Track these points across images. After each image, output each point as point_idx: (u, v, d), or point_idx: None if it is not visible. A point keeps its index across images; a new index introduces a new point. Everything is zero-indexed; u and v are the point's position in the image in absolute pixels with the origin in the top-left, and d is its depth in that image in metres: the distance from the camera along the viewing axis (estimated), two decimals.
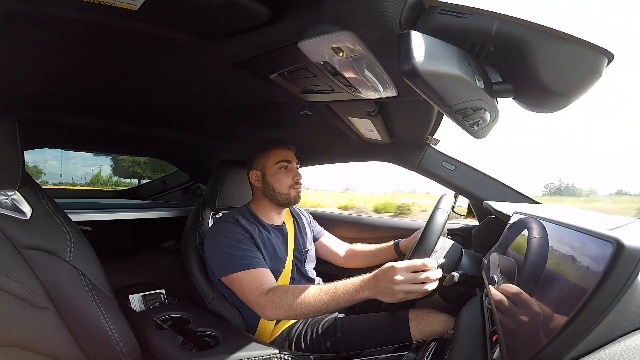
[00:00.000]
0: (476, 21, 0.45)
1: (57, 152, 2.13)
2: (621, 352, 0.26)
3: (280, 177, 1.06)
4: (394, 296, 0.68)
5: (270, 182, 1.05)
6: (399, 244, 1.13)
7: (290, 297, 0.79)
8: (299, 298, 0.78)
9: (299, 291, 0.79)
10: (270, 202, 1.07)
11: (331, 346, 0.90)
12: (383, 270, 0.71)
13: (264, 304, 0.83)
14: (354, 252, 1.23)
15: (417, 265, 0.68)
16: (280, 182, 1.05)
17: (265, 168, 1.07)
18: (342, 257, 1.23)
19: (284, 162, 1.06)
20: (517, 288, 0.43)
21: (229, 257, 0.91)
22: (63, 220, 0.80)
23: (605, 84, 71.16)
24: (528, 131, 23.96)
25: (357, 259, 1.21)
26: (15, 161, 0.74)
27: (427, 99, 0.46)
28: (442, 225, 0.76)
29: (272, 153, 1.07)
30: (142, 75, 0.77)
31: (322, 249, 1.24)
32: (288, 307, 0.79)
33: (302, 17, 0.52)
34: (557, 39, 0.44)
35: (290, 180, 1.06)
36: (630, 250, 0.26)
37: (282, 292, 0.82)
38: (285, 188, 1.05)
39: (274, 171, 1.06)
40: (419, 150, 1.17)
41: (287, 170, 1.07)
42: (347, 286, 0.75)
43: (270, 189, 1.06)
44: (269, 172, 1.06)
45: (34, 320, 0.69)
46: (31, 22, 0.52)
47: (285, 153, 1.08)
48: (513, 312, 0.41)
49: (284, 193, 1.05)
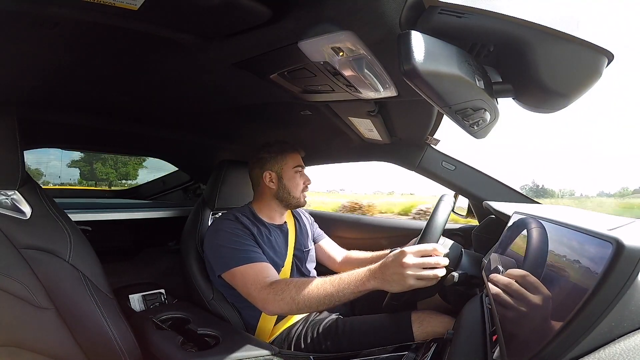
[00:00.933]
0: (476, 21, 0.45)
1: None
2: (621, 352, 0.26)
3: (297, 181, 1.07)
4: (403, 283, 0.67)
5: (287, 186, 1.06)
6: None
7: (293, 289, 0.78)
8: (302, 290, 0.76)
9: (302, 283, 0.78)
10: (279, 203, 1.08)
11: (331, 346, 0.90)
12: (392, 255, 0.70)
13: (266, 297, 0.81)
14: (350, 258, 1.22)
15: (427, 250, 0.68)
16: (297, 186, 1.07)
17: (282, 171, 1.07)
18: (337, 263, 1.23)
19: (300, 167, 1.08)
20: (517, 288, 0.43)
21: (230, 252, 0.91)
22: (63, 220, 0.80)
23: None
24: (507, 130, 23.11)
25: (352, 266, 1.19)
26: (15, 161, 0.74)
27: (427, 99, 0.46)
28: (447, 215, 0.77)
29: (290, 157, 1.08)
30: (142, 75, 0.77)
31: (319, 253, 1.24)
32: (291, 300, 0.77)
33: (302, 17, 0.52)
34: (557, 39, 0.44)
35: (303, 185, 1.08)
36: (630, 250, 0.26)
37: (284, 284, 0.80)
38: (299, 192, 1.07)
39: (291, 175, 1.07)
40: (419, 150, 1.17)
41: (301, 174, 1.09)
42: (353, 276, 0.74)
43: (285, 192, 1.06)
44: (286, 175, 1.07)
45: (34, 320, 0.69)
46: (31, 22, 0.52)
47: (299, 158, 1.11)
48: (513, 312, 0.41)
49: (297, 196, 1.07)
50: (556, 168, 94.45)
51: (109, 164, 4.25)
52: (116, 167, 4.32)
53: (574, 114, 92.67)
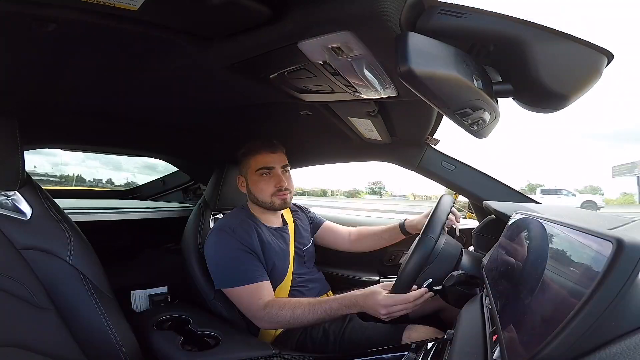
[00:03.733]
0: (476, 21, 0.45)
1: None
2: (621, 351, 0.26)
3: (261, 186, 1.00)
4: (382, 318, 0.78)
5: (252, 190, 1.02)
6: (404, 223, 1.11)
7: (286, 312, 0.83)
8: (295, 315, 0.83)
9: (295, 307, 0.84)
10: (259, 207, 1.05)
11: (332, 346, 0.90)
12: (370, 299, 0.79)
13: (261, 318, 0.86)
14: (360, 233, 1.20)
15: (400, 300, 0.76)
16: (261, 191, 1.00)
17: (247, 175, 1.03)
18: (348, 241, 1.21)
19: (264, 169, 1.00)
20: (517, 288, 0.43)
21: (226, 271, 0.93)
22: (63, 220, 0.80)
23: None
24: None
25: (363, 242, 1.19)
26: (16, 161, 0.74)
27: (425, 100, 0.46)
28: (428, 253, 0.76)
29: (253, 159, 1.02)
30: (141, 75, 0.77)
31: (326, 236, 1.21)
32: (285, 322, 0.84)
33: (302, 17, 0.52)
34: (557, 38, 0.44)
35: (272, 188, 1.00)
36: (631, 249, 0.26)
37: (278, 308, 0.85)
38: (267, 196, 1.00)
39: (255, 179, 1.01)
40: (419, 150, 1.17)
41: (269, 177, 1.01)
42: (339, 303, 0.82)
43: (253, 197, 1.03)
44: (250, 180, 1.02)
45: (34, 320, 0.69)
46: (31, 22, 0.52)
47: (266, 158, 1.01)
48: (513, 311, 0.41)
49: (267, 201, 1.01)
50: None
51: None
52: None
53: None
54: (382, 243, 1.17)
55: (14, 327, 0.66)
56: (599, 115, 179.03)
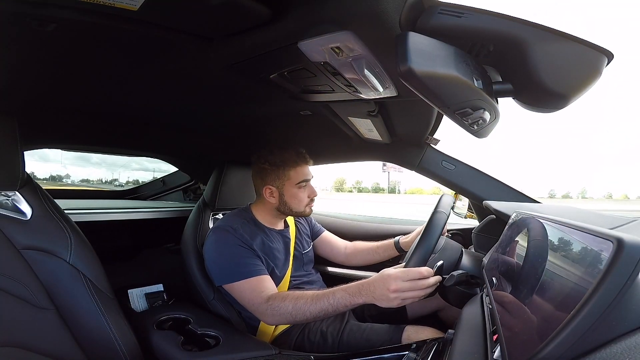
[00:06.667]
0: (476, 21, 0.45)
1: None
2: (621, 351, 0.26)
3: (300, 198, 1.01)
4: (390, 303, 0.70)
5: (289, 202, 1.01)
6: (399, 241, 1.13)
7: (289, 304, 0.80)
8: (298, 306, 0.79)
9: (297, 299, 0.81)
10: (280, 213, 1.04)
11: (332, 346, 0.90)
12: (379, 277, 0.72)
13: (264, 312, 0.84)
14: (357, 249, 1.22)
15: (413, 274, 0.70)
16: (299, 203, 1.01)
17: (284, 188, 1.00)
18: (343, 254, 1.22)
19: (304, 181, 1.01)
20: (517, 287, 0.43)
21: (227, 267, 0.91)
22: (63, 220, 0.80)
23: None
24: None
25: (358, 256, 1.21)
26: (16, 161, 0.74)
27: (425, 99, 0.46)
28: (441, 229, 0.77)
29: (293, 171, 1.00)
30: (141, 75, 0.77)
31: (322, 247, 1.22)
32: (288, 315, 0.80)
33: (302, 17, 0.52)
34: (557, 38, 0.44)
35: (307, 199, 1.02)
36: (631, 249, 0.26)
37: (281, 300, 0.82)
38: (302, 206, 1.02)
39: (294, 192, 1.00)
40: (419, 150, 1.17)
41: (306, 188, 1.02)
42: (345, 292, 0.77)
43: (287, 208, 1.01)
44: (287, 193, 1.00)
45: (34, 320, 0.69)
46: (31, 22, 0.52)
47: (305, 170, 1.02)
48: (513, 311, 0.41)
49: (301, 210, 1.02)
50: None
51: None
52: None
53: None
54: (377, 258, 1.18)
55: (14, 327, 0.66)
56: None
